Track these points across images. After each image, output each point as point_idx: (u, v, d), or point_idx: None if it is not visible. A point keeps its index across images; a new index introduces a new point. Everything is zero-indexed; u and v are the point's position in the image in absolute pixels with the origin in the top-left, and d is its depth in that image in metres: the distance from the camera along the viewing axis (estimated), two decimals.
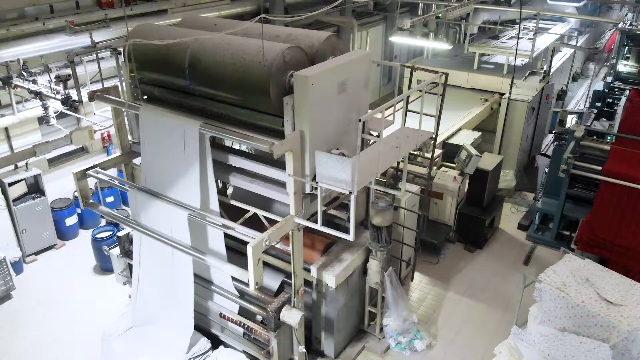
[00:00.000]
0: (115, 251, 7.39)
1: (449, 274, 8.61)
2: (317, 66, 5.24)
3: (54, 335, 7.48)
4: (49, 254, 9.43)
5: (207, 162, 5.65)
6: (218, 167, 6.05)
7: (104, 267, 8.77)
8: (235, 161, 5.94)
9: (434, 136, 6.86)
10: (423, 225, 8.89)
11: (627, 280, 6.58)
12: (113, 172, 7.44)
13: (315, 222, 5.32)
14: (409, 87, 11.70)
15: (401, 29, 9.28)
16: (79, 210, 9.82)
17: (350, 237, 5.25)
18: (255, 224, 6.05)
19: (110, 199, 10.29)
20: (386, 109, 5.13)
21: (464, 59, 14.23)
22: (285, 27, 6.15)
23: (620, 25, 13.84)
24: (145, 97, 6.68)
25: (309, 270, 6.35)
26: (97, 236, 8.80)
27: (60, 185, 9.94)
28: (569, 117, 8.62)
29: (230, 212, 6.59)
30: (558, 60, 15.26)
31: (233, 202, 6.28)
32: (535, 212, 9.58)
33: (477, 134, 10.87)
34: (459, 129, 11.08)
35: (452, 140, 10.48)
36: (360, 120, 4.60)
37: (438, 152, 9.92)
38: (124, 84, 6.54)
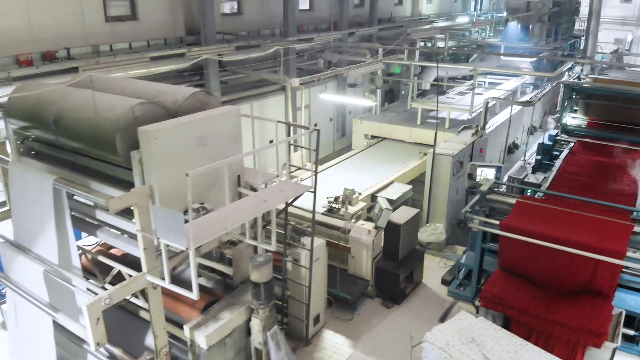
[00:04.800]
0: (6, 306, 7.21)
1: (360, 331, 8.29)
2: (168, 121, 5.27)
3: None
4: None
5: (65, 216, 5.56)
6: (86, 222, 5.99)
7: None
8: (101, 216, 5.86)
9: (312, 190, 6.76)
10: (336, 279, 8.71)
11: (519, 340, 6.30)
12: None
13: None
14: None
15: (285, 86, 9.40)
16: None
17: (194, 295, 5.07)
18: None
19: None
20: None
21: (411, 114, 14.46)
22: (157, 84, 6.25)
23: (564, 79, 14.07)
24: (32, 152, 6.73)
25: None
26: (3, 291, 8.59)
27: None
28: (479, 170, 8.57)
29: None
30: (507, 113, 15.42)
31: (100, 259, 6.14)
32: (457, 266, 9.35)
33: (408, 187, 10.85)
34: (391, 182, 11.08)
35: (382, 194, 10.46)
36: (187, 175, 4.54)
37: (362, 205, 9.90)
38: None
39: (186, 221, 5.10)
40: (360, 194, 10.06)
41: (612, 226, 7.18)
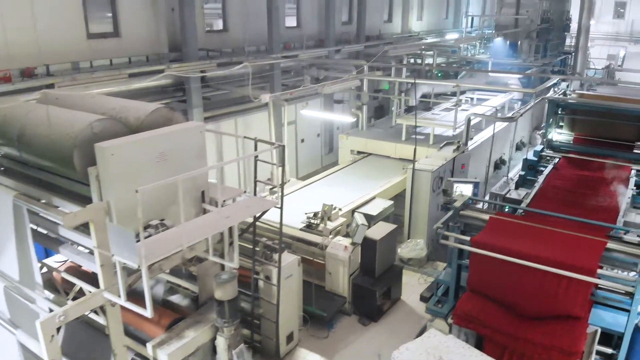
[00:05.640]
0: None
1: (335, 349, 8.18)
2: (125, 137, 5.28)
3: None
4: None
5: (26, 232, 5.54)
6: (50, 238, 5.97)
7: None
8: (63, 232, 5.83)
9: (279, 206, 6.71)
10: (312, 295, 8.62)
11: (488, 359, 6.21)
12: None
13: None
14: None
15: (255, 101, 9.45)
16: None
17: (147, 313, 5.02)
18: None
19: None
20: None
21: (397, 130, 14.49)
22: (123, 100, 6.27)
23: (549, 94, 14.11)
24: (1, 168, 6.72)
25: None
26: None
27: None
28: (455, 185, 8.54)
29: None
30: (493, 130, 15.43)
31: (63, 275, 6.09)
32: (436, 283, 9.25)
33: (389, 202, 10.81)
34: (373, 198, 11.04)
35: (363, 209, 10.40)
36: (137, 191, 4.52)
37: (342, 220, 9.85)
38: None
39: (146, 237, 5.10)
40: (340, 209, 10.03)
41: (585, 243, 7.10)
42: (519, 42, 20.00)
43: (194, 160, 5.87)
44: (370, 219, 9.76)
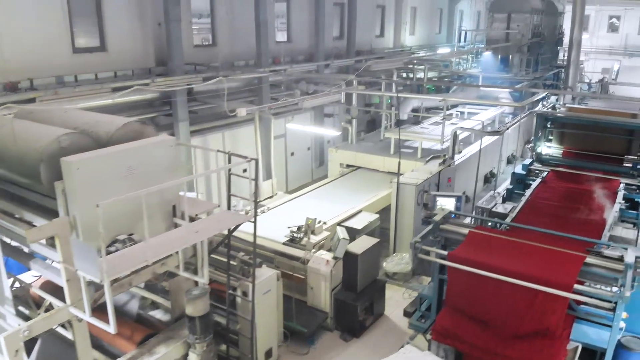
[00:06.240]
0: None
1: None
2: (92, 152, 5.25)
3: None
4: None
5: None
6: (23, 252, 5.94)
7: None
8: (33, 246, 5.78)
9: (252, 220, 6.66)
10: (293, 310, 8.53)
11: None
12: None
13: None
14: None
15: (234, 116, 9.47)
16: None
17: (110, 329, 4.96)
18: None
19: None
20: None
21: (387, 143, 14.50)
22: (96, 114, 6.28)
23: (538, 108, 14.13)
24: None
25: None
26: None
27: None
28: (438, 200, 8.50)
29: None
30: (480, 143, 15.39)
31: (37, 291, 6.04)
32: (419, 298, 9.16)
33: (375, 216, 10.76)
34: (359, 211, 10.99)
35: (348, 223, 10.35)
36: (97, 206, 4.50)
37: (325, 234, 9.79)
38: None
39: (111, 252, 5.06)
40: (325, 223, 9.97)
41: (563, 258, 7.02)
42: (510, 56, 20.10)
43: (164, 174, 5.82)
44: (355, 233, 9.71)
